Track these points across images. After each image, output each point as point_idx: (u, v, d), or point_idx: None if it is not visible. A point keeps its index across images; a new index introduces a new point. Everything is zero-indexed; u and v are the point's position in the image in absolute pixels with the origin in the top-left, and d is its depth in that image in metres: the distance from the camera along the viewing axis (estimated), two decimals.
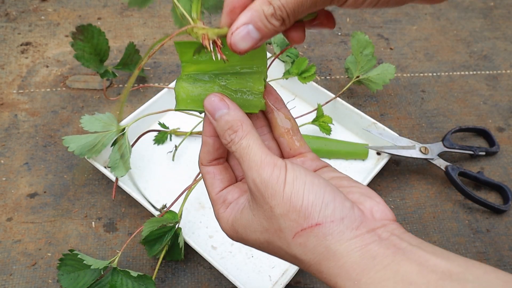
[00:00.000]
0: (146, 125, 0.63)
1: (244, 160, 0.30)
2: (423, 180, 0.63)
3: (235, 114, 0.31)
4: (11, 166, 0.61)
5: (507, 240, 0.58)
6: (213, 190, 0.34)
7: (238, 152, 0.30)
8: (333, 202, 0.28)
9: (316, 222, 0.28)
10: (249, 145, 0.30)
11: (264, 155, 0.30)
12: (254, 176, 0.29)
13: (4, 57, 0.71)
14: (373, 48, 0.63)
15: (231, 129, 0.31)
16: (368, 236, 0.28)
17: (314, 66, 0.63)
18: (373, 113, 0.68)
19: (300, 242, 0.28)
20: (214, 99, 0.31)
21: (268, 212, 0.29)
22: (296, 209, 0.28)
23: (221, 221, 0.33)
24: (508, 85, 0.74)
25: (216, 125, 0.32)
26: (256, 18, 0.28)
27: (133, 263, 0.54)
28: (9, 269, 0.53)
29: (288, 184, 0.28)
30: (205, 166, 0.34)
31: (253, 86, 0.32)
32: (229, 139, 0.31)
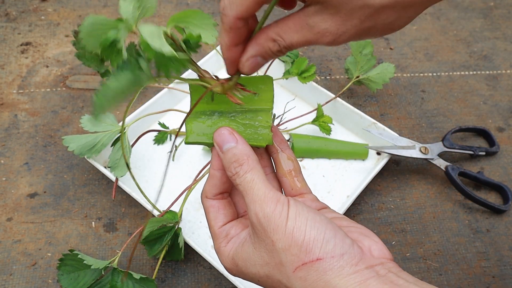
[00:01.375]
0: (146, 125, 0.63)
1: (248, 194, 0.31)
2: (423, 180, 0.63)
3: (242, 148, 0.32)
4: (11, 166, 0.61)
5: (507, 240, 0.58)
6: (216, 224, 0.34)
7: (242, 185, 0.31)
8: (334, 239, 0.29)
9: (317, 257, 0.28)
10: (254, 179, 0.31)
11: (268, 190, 0.31)
12: (257, 210, 0.30)
13: (4, 57, 0.71)
14: (372, 48, 0.63)
15: (237, 162, 0.32)
16: (366, 272, 0.28)
17: (314, 66, 0.63)
18: (373, 113, 0.68)
19: (300, 276, 0.29)
20: (224, 132, 0.33)
21: (269, 246, 0.30)
22: (298, 244, 0.29)
23: (222, 255, 0.34)
24: (508, 85, 0.74)
25: (223, 157, 0.33)
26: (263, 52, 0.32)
27: (133, 263, 0.54)
28: (9, 269, 0.53)
29: (291, 220, 0.29)
30: (209, 199, 0.35)
31: (262, 120, 0.34)
32: (234, 172, 0.32)
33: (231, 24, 0.30)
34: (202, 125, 0.34)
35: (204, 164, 0.59)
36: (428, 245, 0.58)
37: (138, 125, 0.60)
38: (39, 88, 0.68)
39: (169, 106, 0.64)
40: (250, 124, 0.34)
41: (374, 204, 0.60)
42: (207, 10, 0.79)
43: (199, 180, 0.55)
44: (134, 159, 0.61)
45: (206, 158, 0.62)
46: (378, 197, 0.61)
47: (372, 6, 0.28)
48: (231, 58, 0.32)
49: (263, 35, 0.32)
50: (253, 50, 0.32)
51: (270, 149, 0.36)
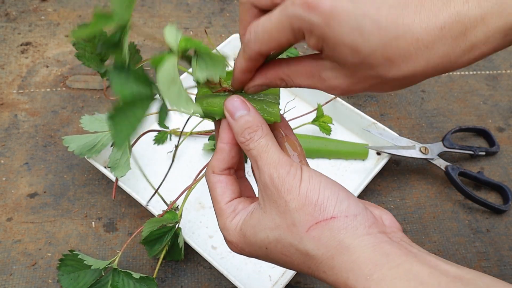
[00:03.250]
0: (146, 125, 0.63)
1: (262, 157, 0.31)
2: (423, 180, 0.63)
3: (255, 116, 0.32)
4: (11, 166, 0.61)
5: (507, 240, 0.58)
6: (223, 200, 0.34)
7: (257, 149, 0.31)
8: (347, 200, 0.29)
9: (331, 215, 0.28)
10: (268, 144, 0.31)
11: (282, 155, 0.31)
12: (271, 171, 0.30)
13: (4, 57, 0.71)
14: None
15: (251, 128, 0.32)
16: (380, 236, 0.29)
17: None
18: (373, 113, 0.68)
19: (314, 236, 0.29)
20: (236, 99, 0.33)
21: (282, 207, 0.30)
22: (312, 203, 0.29)
23: (228, 230, 0.33)
24: (508, 85, 0.74)
25: (234, 124, 0.32)
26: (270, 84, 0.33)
27: (133, 263, 0.54)
28: (9, 269, 0.53)
29: (304, 181, 0.30)
30: (216, 174, 0.34)
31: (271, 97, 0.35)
32: (248, 137, 0.32)
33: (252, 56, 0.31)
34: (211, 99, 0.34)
35: (204, 164, 0.59)
36: (428, 245, 0.58)
37: None
38: (39, 88, 0.68)
39: (169, 106, 0.64)
40: (259, 100, 0.34)
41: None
42: (207, 10, 0.79)
43: (199, 180, 0.55)
44: (134, 159, 0.61)
45: (206, 158, 0.62)
46: (378, 197, 0.61)
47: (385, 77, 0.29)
48: (241, 79, 0.33)
49: (274, 73, 0.33)
50: (260, 80, 0.33)
51: (276, 134, 0.36)
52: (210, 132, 0.63)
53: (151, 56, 0.63)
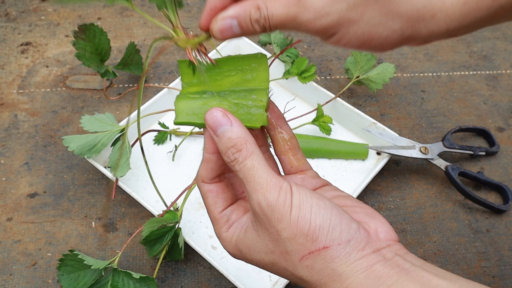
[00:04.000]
0: (146, 125, 0.63)
1: (249, 182, 0.29)
2: (423, 180, 0.63)
3: (238, 131, 0.30)
4: (11, 166, 0.61)
5: (507, 240, 0.58)
6: (216, 209, 0.33)
7: (242, 172, 0.30)
8: (340, 225, 0.29)
9: (323, 245, 0.28)
10: (254, 165, 0.29)
11: (270, 177, 0.29)
12: (260, 199, 0.29)
13: (4, 57, 0.71)
14: None
15: (235, 148, 0.30)
16: (373, 257, 0.28)
17: (314, 66, 0.63)
18: (373, 113, 0.68)
19: (307, 265, 0.28)
20: (216, 114, 0.30)
21: (274, 235, 0.29)
22: (304, 233, 0.28)
23: (224, 241, 0.33)
24: (508, 85, 0.74)
25: (218, 141, 0.31)
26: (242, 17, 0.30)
27: (133, 263, 0.54)
28: (9, 269, 0.53)
29: (295, 208, 0.28)
30: (206, 184, 0.33)
31: (256, 98, 0.32)
32: (232, 158, 0.30)
33: None
34: (192, 104, 0.32)
35: None
36: (428, 245, 0.58)
37: None
38: (39, 88, 0.68)
39: (169, 106, 0.64)
40: (243, 104, 0.32)
41: (374, 204, 0.60)
42: None
43: None
44: (134, 159, 0.61)
45: None
46: (378, 197, 0.61)
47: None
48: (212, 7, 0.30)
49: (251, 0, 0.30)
50: (233, 10, 0.30)
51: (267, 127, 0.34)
52: None
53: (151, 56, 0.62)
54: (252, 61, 0.32)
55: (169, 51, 0.74)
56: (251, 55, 0.32)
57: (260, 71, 0.32)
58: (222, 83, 0.32)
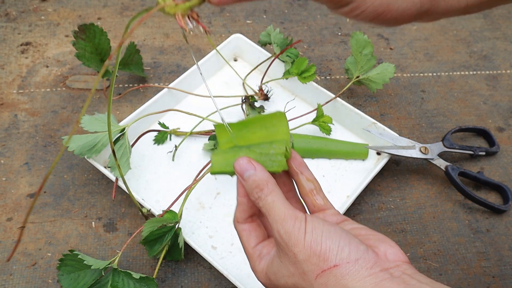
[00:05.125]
0: (146, 125, 0.63)
1: (270, 214, 0.34)
2: (423, 180, 0.63)
3: (261, 175, 0.35)
4: (11, 166, 0.61)
5: (507, 240, 0.58)
6: (249, 245, 0.37)
7: (265, 207, 0.34)
8: (348, 246, 0.32)
9: (334, 263, 0.31)
10: (274, 200, 0.34)
11: (287, 210, 0.34)
12: (279, 228, 0.33)
13: (4, 57, 0.71)
14: (372, 48, 0.63)
15: (258, 188, 0.35)
16: (381, 274, 0.31)
17: (314, 66, 0.63)
18: (373, 113, 0.68)
19: (321, 282, 0.32)
20: (242, 162, 0.36)
21: (292, 258, 0.33)
22: (316, 254, 0.32)
23: (257, 273, 0.37)
24: (508, 85, 0.74)
25: (245, 184, 0.36)
26: None
27: (133, 263, 0.54)
28: (9, 269, 0.53)
29: (308, 233, 0.32)
30: (240, 224, 0.38)
31: (276, 147, 0.37)
32: (257, 196, 0.35)
33: None
34: (224, 157, 0.38)
35: (203, 164, 0.59)
36: (428, 245, 0.58)
37: (138, 125, 0.60)
38: (39, 88, 0.68)
39: (169, 106, 0.64)
40: (266, 153, 0.37)
41: (374, 204, 0.60)
42: (207, 10, 0.79)
43: (199, 180, 0.55)
44: (134, 159, 0.61)
45: (206, 158, 0.62)
46: (378, 197, 0.61)
47: None
48: None
49: None
50: None
51: (291, 172, 0.39)
52: (210, 132, 0.63)
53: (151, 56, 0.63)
54: (273, 118, 0.38)
55: (169, 51, 0.74)
56: (272, 114, 0.38)
57: (280, 126, 0.38)
58: (250, 139, 0.39)
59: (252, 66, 0.70)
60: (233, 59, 0.73)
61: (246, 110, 0.64)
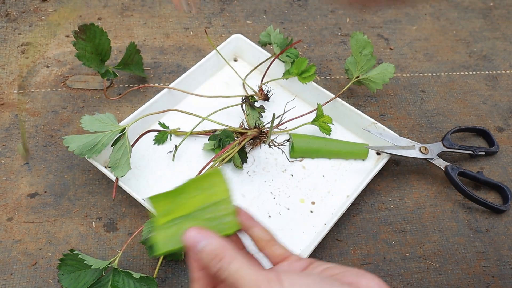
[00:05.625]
0: (146, 125, 0.63)
1: (240, 284, 0.31)
2: (423, 180, 0.63)
3: (215, 242, 0.32)
4: (12, 166, 0.61)
5: (506, 240, 0.58)
6: None
7: (231, 277, 0.31)
8: None
9: None
10: (239, 268, 0.31)
11: (257, 274, 0.31)
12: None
13: (4, 57, 0.71)
14: (372, 48, 0.63)
15: (217, 258, 0.32)
16: None
17: (314, 66, 0.63)
18: (373, 113, 0.68)
19: None
20: (192, 233, 0.33)
21: None
22: None
23: None
24: (507, 85, 0.74)
25: (200, 257, 0.32)
26: None
27: (133, 263, 0.54)
28: (9, 268, 0.53)
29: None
30: None
31: (223, 208, 0.35)
32: (218, 267, 0.32)
33: None
34: (168, 233, 0.35)
35: (204, 164, 0.59)
36: (428, 245, 0.58)
37: (138, 125, 0.60)
38: (39, 88, 0.68)
39: (169, 106, 0.64)
40: (213, 217, 0.35)
41: (374, 204, 0.61)
42: (207, 10, 0.80)
43: None
44: (134, 159, 0.61)
45: (206, 158, 0.62)
46: (378, 197, 0.61)
47: None
48: None
49: None
50: None
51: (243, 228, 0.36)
52: (210, 132, 0.63)
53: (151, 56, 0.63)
54: (209, 177, 0.36)
55: (169, 52, 0.74)
56: (207, 174, 0.36)
57: (218, 185, 0.36)
58: (190, 205, 0.35)
59: (252, 66, 0.70)
60: (233, 59, 0.73)
61: (246, 110, 0.64)
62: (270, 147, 0.60)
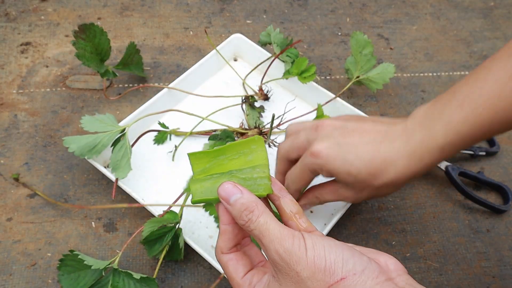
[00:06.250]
0: (146, 125, 0.63)
1: (265, 235, 0.33)
2: (423, 180, 0.63)
3: (248, 197, 0.35)
4: (11, 166, 0.61)
5: (507, 240, 0.58)
6: (238, 275, 0.36)
7: (258, 229, 0.33)
8: (353, 258, 0.32)
9: (340, 277, 0.31)
10: (267, 221, 0.33)
11: (282, 229, 0.33)
12: (277, 247, 0.32)
13: (4, 57, 0.71)
14: (372, 48, 0.63)
15: (248, 210, 0.34)
16: (386, 284, 0.31)
17: (314, 66, 0.63)
18: (373, 113, 0.68)
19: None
20: (227, 186, 0.35)
21: (295, 278, 0.32)
22: (321, 269, 0.31)
23: None
24: None
25: (231, 209, 0.35)
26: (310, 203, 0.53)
27: (133, 263, 0.54)
28: (9, 269, 0.53)
29: (310, 249, 0.32)
30: (226, 254, 0.37)
31: (259, 171, 0.37)
32: (247, 219, 0.34)
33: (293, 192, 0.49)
34: (205, 184, 0.37)
35: None
36: (428, 245, 0.58)
37: (138, 125, 0.60)
38: (39, 88, 0.68)
39: (169, 106, 0.64)
40: (249, 177, 0.36)
41: (374, 204, 0.60)
42: (207, 10, 0.79)
43: None
44: (134, 159, 0.61)
45: None
46: None
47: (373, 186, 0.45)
48: None
49: (311, 194, 0.51)
50: (304, 201, 0.51)
51: (272, 197, 0.38)
52: (210, 132, 0.63)
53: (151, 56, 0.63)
54: (251, 143, 0.38)
55: (169, 52, 0.74)
56: (250, 139, 0.38)
57: (259, 151, 0.38)
58: (228, 166, 0.38)
59: (252, 66, 0.70)
60: (233, 59, 0.73)
61: (246, 110, 0.64)
62: (270, 147, 0.60)
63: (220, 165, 0.38)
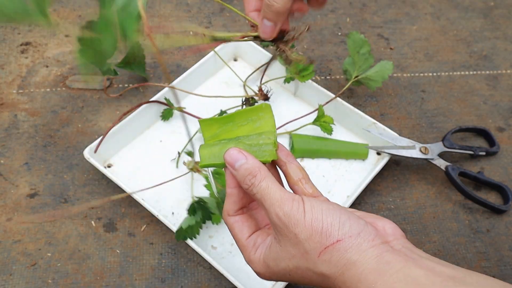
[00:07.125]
0: (146, 125, 0.63)
1: (266, 199, 0.34)
2: (423, 180, 0.63)
3: (252, 162, 0.36)
4: (11, 166, 0.60)
5: (507, 240, 0.58)
6: (243, 236, 0.38)
7: (259, 193, 0.35)
8: (349, 221, 0.33)
9: (336, 239, 0.32)
10: (268, 185, 0.35)
11: (283, 193, 0.34)
12: (276, 210, 0.34)
13: (4, 57, 0.71)
14: (369, 47, 0.63)
15: (251, 174, 0.35)
16: (382, 246, 0.32)
17: (312, 64, 0.63)
18: (373, 113, 0.68)
19: (325, 259, 0.32)
20: (233, 152, 0.36)
21: (293, 239, 0.33)
22: (318, 231, 0.32)
23: (253, 263, 0.37)
24: (508, 85, 0.74)
25: (236, 174, 0.36)
26: None
27: (133, 263, 0.54)
28: (9, 269, 0.53)
29: (308, 212, 0.33)
30: (232, 216, 0.38)
31: (265, 138, 0.37)
32: (250, 183, 0.35)
33: None
34: (213, 150, 0.38)
35: None
36: (428, 245, 0.58)
37: (139, 116, 0.60)
38: (39, 88, 0.68)
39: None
40: (255, 144, 0.37)
41: (374, 204, 0.60)
42: (207, 10, 0.79)
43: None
44: (134, 159, 0.61)
45: None
46: (378, 197, 0.61)
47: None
48: None
49: None
50: None
51: (279, 163, 0.39)
52: None
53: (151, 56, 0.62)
54: (259, 110, 0.39)
55: (169, 51, 0.74)
56: (257, 107, 0.39)
57: (266, 118, 0.39)
58: (236, 133, 0.39)
59: (252, 66, 0.70)
60: (233, 59, 0.73)
61: None
62: None
63: (229, 131, 0.39)
